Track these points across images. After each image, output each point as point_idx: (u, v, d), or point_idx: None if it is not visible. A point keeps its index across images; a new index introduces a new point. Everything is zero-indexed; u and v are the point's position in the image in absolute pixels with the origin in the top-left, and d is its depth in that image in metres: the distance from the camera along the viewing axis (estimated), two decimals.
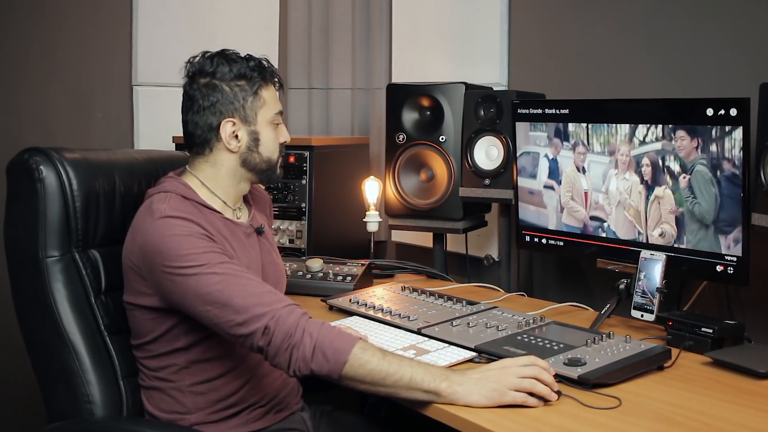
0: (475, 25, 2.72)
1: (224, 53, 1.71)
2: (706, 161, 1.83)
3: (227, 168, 1.72)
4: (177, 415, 1.66)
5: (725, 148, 1.78)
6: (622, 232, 2.04)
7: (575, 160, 2.13)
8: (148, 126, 3.04)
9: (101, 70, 3.04)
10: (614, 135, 2.03)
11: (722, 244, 1.82)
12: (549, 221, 2.22)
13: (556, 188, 2.19)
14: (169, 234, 1.56)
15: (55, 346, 1.64)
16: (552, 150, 2.18)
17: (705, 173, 1.84)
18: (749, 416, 1.41)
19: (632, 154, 1.99)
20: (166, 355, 1.66)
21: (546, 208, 2.23)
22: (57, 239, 1.65)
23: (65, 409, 1.65)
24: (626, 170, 2.01)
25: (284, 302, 1.54)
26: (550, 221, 2.22)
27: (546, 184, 2.22)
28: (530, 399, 1.46)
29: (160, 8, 3.02)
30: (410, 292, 2.19)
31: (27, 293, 1.67)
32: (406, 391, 1.49)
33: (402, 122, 2.54)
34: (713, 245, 1.84)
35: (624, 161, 2.01)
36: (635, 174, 1.99)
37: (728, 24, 2.06)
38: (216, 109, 1.68)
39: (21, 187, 1.66)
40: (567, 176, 2.16)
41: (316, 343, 1.49)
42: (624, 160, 2.01)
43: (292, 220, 2.69)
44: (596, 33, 2.39)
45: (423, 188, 2.55)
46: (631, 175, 2.01)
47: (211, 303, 1.53)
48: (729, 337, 1.76)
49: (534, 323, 1.87)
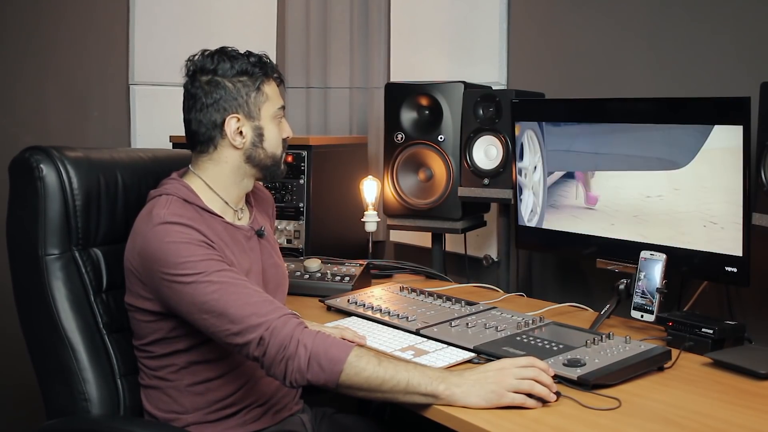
0: (474, 24, 2.71)
1: (224, 50, 1.70)
2: (706, 161, 1.82)
3: (231, 165, 1.71)
4: (175, 415, 1.66)
5: (725, 148, 1.77)
6: (623, 232, 2.04)
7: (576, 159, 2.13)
8: (145, 125, 3.03)
9: (98, 69, 3.04)
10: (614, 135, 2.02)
11: (723, 244, 1.81)
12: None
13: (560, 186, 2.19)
14: (167, 240, 1.55)
15: (53, 344, 1.64)
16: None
17: (705, 173, 1.83)
18: (750, 417, 1.41)
19: (633, 153, 1.99)
20: (166, 356, 1.66)
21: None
22: (57, 237, 1.66)
23: (62, 406, 1.65)
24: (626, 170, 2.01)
25: (280, 312, 1.54)
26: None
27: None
28: (529, 400, 1.45)
29: (157, 7, 3.01)
30: (409, 292, 2.18)
31: (27, 291, 1.68)
32: (404, 396, 1.49)
33: (400, 121, 2.54)
34: (714, 245, 1.83)
35: (624, 161, 2.01)
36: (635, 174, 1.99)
37: (728, 23, 2.05)
38: (220, 106, 1.67)
39: (21, 186, 1.68)
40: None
41: (311, 353, 1.49)
42: (624, 160, 2.01)
43: (290, 220, 2.68)
44: (596, 32, 2.38)
45: (421, 188, 2.55)
46: (631, 174, 2.00)
47: (208, 312, 1.53)
48: (729, 337, 1.76)
49: (533, 324, 1.86)
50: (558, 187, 2.19)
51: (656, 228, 1.96)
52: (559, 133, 2.17)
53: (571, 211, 2.16)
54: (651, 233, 1.97)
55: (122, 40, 3.01)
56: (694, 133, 1.84)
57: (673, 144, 1.89)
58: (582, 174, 2.12)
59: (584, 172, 2.11)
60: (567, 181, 2.17)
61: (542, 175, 2.22)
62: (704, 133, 1.82)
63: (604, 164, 2.07)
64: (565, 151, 2.16)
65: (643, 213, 1.98)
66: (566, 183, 2.17)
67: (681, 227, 1.90)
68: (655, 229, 1.96)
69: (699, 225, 1.86)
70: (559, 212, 2.19)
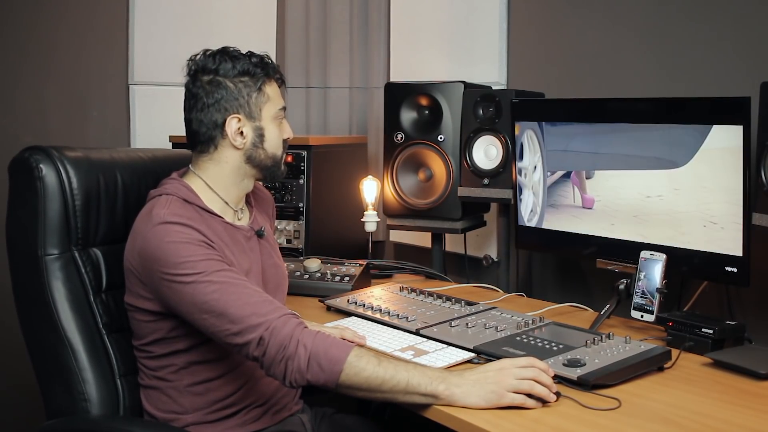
0: (474, 24, 2.71)
1: (226, 50, 1.70)
2: (706, 161, 1.82)
3: (232, 166, 1.71)
4: (174, 415, 1.66)
5: (725, 148, 1.77)
6: (623, 231, 2.03)
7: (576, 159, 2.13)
8: (145, 125, 3.03)
9: (97, 68, 3.03)
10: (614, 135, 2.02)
11: (723, 244, 1.81)
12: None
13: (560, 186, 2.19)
14: (167, 240, 1.55)
15: (52, 344, 1.64)
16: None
17: (705, 173, 1.83)
18: (750, 417, 1.40)
19: (632, 153, 1.99)
20: (166, 356, 1.65)
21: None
22: (56, 237, 1.66)
23: (62, 406, 1.65)
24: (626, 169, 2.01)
25: (280, 312, 1.54)
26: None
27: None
28: (529, 401, 1.45)
29: (157, 7, 3.01)
30: (408, 292, 2.18)
31: (26, 291, 1.68)
32: (404, 396, 1.49)
33: (400, 121, 2.54)
34: (714, 245, 1.83)
35: (624, 161, 2.01)
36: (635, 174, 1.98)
37: (728, 22, 2.05)
38: (221, 106, 1.67)
39: (21, 185, 1.68)
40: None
41: (310, 353, 1.48)
42: (624, 160, 2.01)
43: (290, 220, 2.68)
44: (596, 31, 2.38)
45: (421, 188, 2.54)
46: (630, 174, 2.00)
47: (207, 311, 1.52)
48: (729, 337, 1.76)
49: (533, 324, 1.86)
50: (558, 187, 2.19)
51: (656, 228, 1.95)
52: (558, 133, 2.17)
53: (571, 211, 2.16)
54: (651, 233, 1.97)
55: (122, 39, 3.01)
56: (694, 133, 1.84)
57: (672, 144, 1.89)
58: (578, 179, 2.12)
59: (580, 177, 2.11)
60: (566, 181, 2.16)
61: (542, 175, 2.22)
62: (704, 133, 1.82)
63: (603, 164, 2.06)
64: (565, 151, 2.15)
65: (643, 213, 1.98)
66: (566, 183, 2.17)
67: (681, 227, 1.90)
68: (655, 229, 1.96)
69: (699, 225, 1.86)
70: (559, 212, 2.19)
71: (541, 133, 2.21)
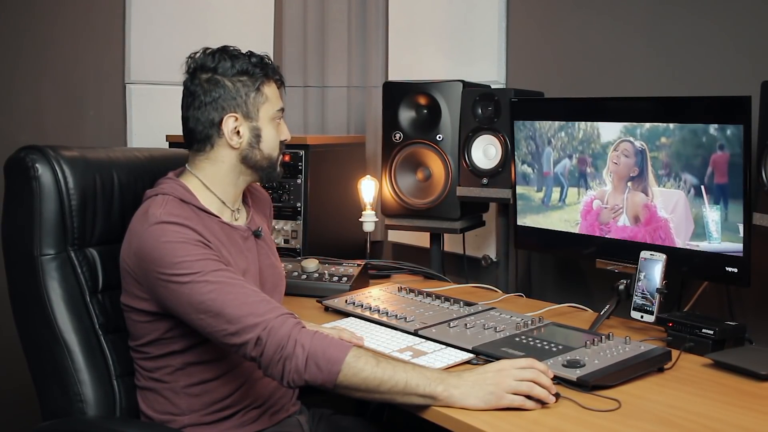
0: (473, 23, 2.70)
1: (226, 49, 1.70)
2: (706, 160, 1.81)
3: (228, 165, 1.70)
4: (170, 416, 1.65)
5: (726, 147, 1.76)
6: (623, 231, 2.03)
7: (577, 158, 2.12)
8: (141, 124, 3.02)
9: (94, 67, 3.03)
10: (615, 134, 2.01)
11: (723, 244, 1.80)
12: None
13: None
14: (163, 240, 1.54)
15: (48, 345, 1.64)
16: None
17: (705, 172, 1.82)
18: (750, 418, 1.40)
19: (633, 153, 1.98)
20: (162, 357, 1.65)
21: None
22: (52, 237, 1.66)
23: (58, 408, 1.65)
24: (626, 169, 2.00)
25: (277, 312, 1.53)
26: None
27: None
28: (528, 402, 1.45)
29: (153, 5, 3.00)
30: (407, 292, 2.17)
31: (22, 291, 1.68)
32: (402, 397, 1.48)
33: (398, 121, 2.53)
34: (714, 245, 1.82)
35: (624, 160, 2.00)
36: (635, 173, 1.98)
37: (729, 21, 2.05)
38: (218, 105, 1.66)
39: (17, 185, 1.67)
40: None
41: (308, 353, 1.48)
42: (625, 160, 2.00)
43: (288, 219, 2.67)
44: (595, 30, 2.38)
45: (420, 188, 2.54)
46: (630, 174, 1.99)
47: (204, 311, 1.52)
48: (730, 338, 1.75)
49: (532, 324, 1.86)
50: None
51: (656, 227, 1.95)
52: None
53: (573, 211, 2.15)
54: (651, 232, 1.96)
55: (118, 38, 3.00)
56: (695, 131, 1.83)
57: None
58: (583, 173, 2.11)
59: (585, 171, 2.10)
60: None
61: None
62: (704, 132, 1.81)
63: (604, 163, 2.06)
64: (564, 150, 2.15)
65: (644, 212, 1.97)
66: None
67: (681, 226, 1.89)
68: (655, 228, 1.95)
69: (700, 224, 1.85)
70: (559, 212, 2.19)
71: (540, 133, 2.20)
